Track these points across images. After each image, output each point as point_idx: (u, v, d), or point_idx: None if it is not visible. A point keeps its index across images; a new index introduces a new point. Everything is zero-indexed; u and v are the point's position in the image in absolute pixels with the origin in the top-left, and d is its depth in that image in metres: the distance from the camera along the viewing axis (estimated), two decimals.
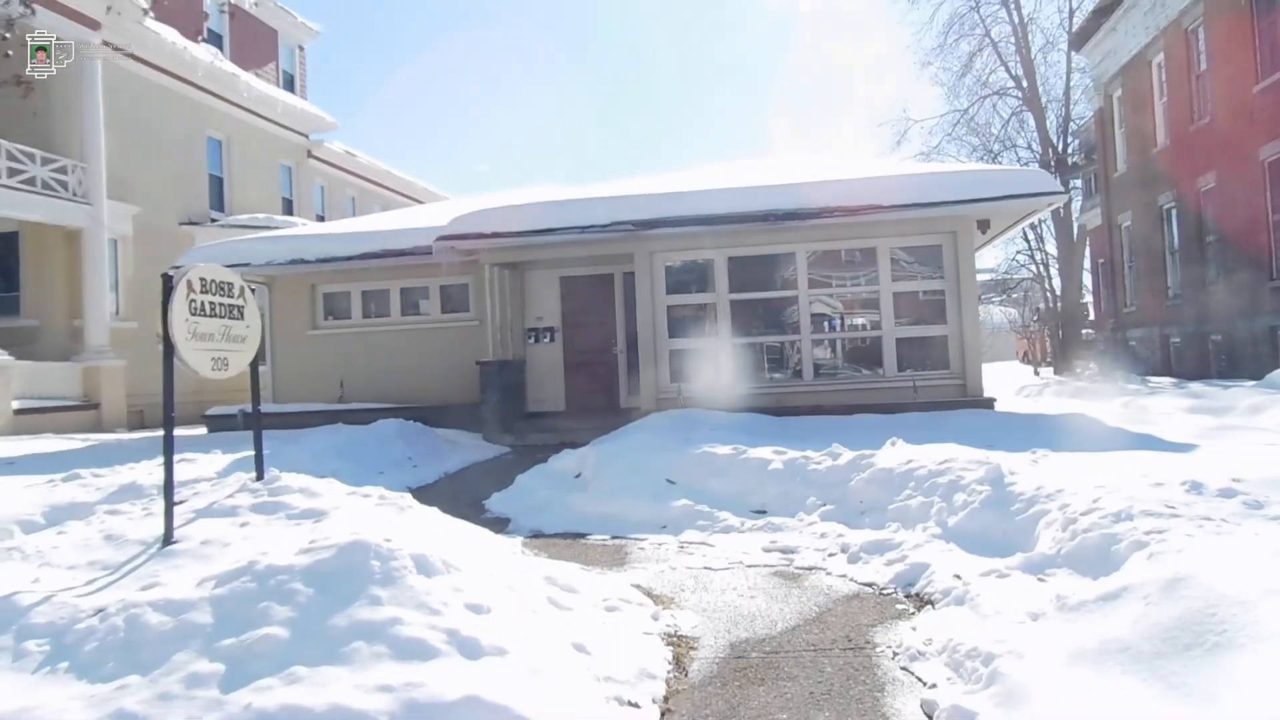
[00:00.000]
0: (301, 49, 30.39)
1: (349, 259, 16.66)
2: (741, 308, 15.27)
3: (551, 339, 16.92)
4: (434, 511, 6.57)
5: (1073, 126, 32.40)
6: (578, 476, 10.33)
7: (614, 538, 8.50)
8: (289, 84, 29.56)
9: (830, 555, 7.49)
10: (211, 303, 5.91)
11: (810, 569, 7.18)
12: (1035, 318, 43.67)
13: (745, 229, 14.50)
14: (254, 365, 6.61)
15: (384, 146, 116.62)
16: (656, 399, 14.82)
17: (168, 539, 5.54)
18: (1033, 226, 31.74)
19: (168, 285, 5.47)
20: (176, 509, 6.00)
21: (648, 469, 9.71)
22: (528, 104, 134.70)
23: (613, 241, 14.96)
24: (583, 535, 8.62)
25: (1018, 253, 36.86)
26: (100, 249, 20.92)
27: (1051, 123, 31.35)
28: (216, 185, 25.11)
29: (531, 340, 17.03)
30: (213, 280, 5.96)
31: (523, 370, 16.80)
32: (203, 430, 17.00)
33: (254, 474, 6.83)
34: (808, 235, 14.82)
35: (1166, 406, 15.37)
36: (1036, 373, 31.41)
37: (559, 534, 8.71)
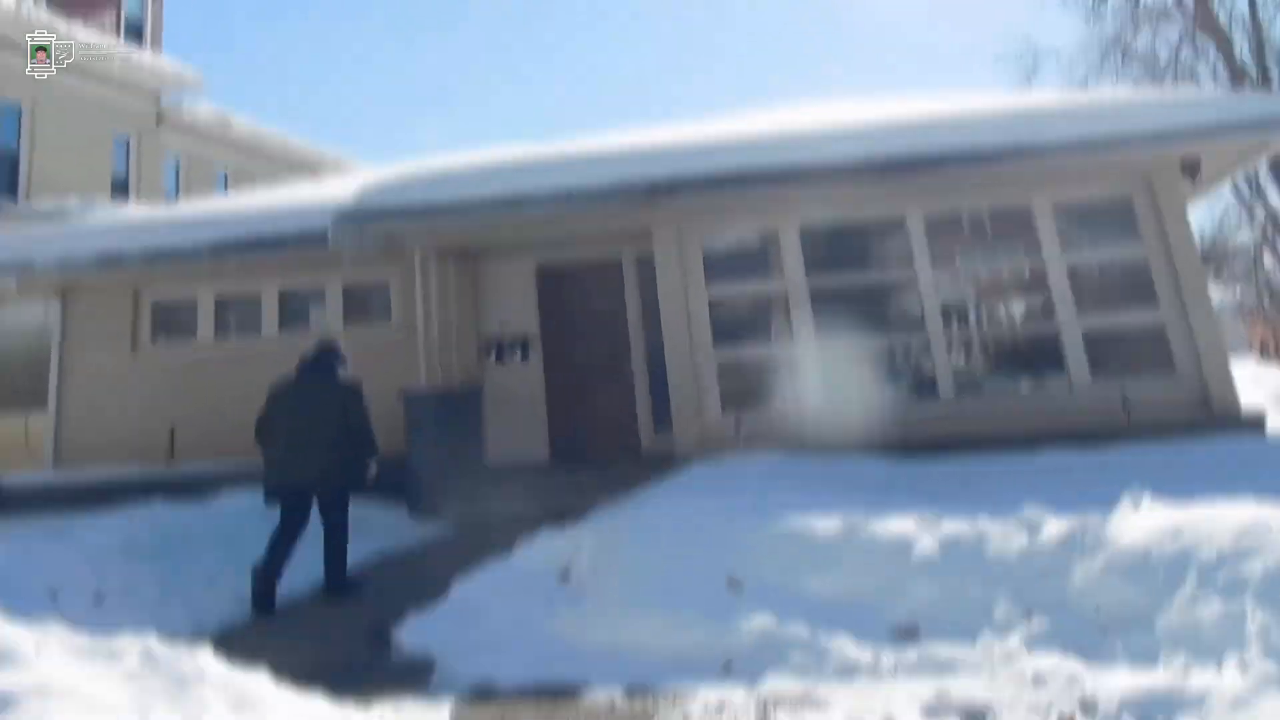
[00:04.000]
0: None
1: (195, 253, 14.22)
2: (828, 297, 12.93)
3: (524, 355, 14.62)
4: (260, 681, 4.80)
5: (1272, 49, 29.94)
6: (564, 579, 7.63)
7: (631, 694, 5.93)
8: (135, 32, 28.45)
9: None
10: None
11: None
12: (1269, 296, 40.84)
13: (826, 187, 12.20)
14: None
15: (281, 113, 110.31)
16: (701, 439, 12.47)
17: None
18: (1246, 177, 29.30)
19: None
20: None
21: (693, 559, 7.02)
22: (485, 49, 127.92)
23: (619, 214, 12.78)
24: (573, 690, 6.05)
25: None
26: None
27: (1241, 49, 29.05)
28: (8, 163, 23.46)
29: (493, 358, 14.73)
30: None
31: (478, 403, 14.43)
32: None
33: None
34: (925, 195, 12.78)
35: None
36: None
37: (527, 688, 6.13)
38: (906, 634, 6.24)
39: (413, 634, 7.21)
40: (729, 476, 9.43)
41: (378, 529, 11.94)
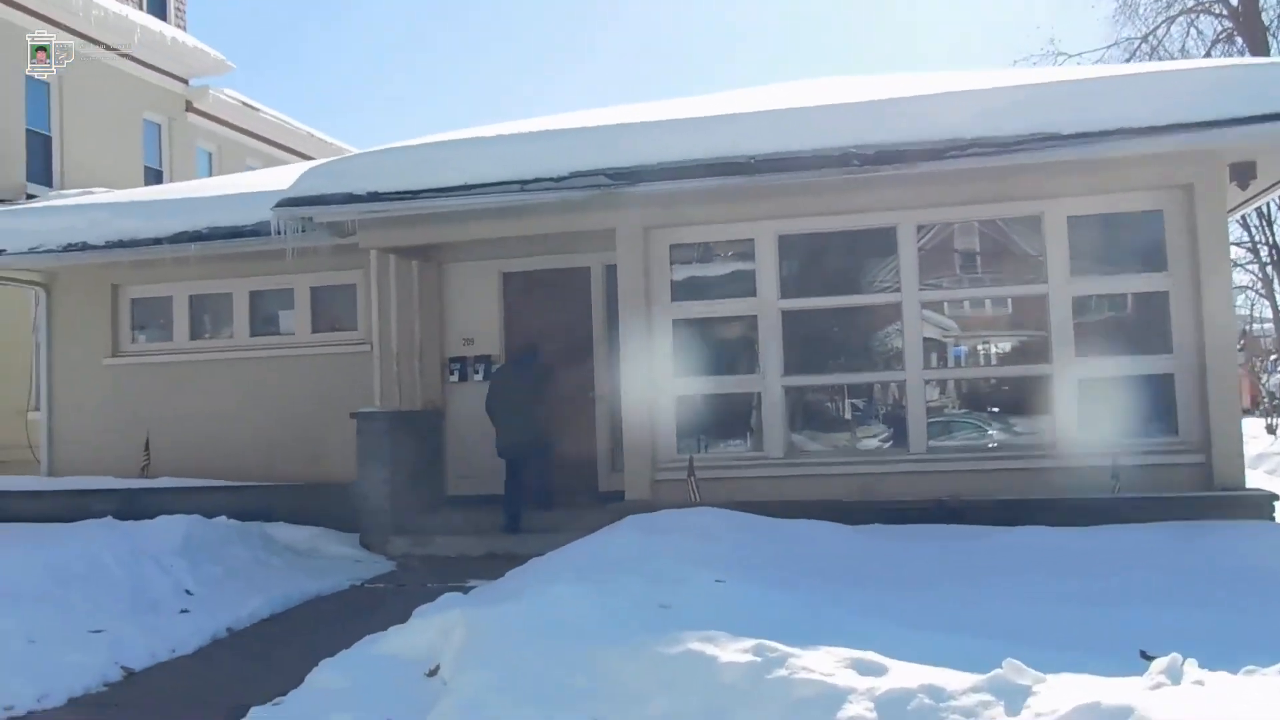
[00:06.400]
0: None
1: (158, 242, 12.90)
2: (801, 323, 11.17)
3: (487, 375, 12.91)
4: None
5: None
6: (432, 673, 6.15)
7: None
8: (159, 8, 26.37)
9: None
10: None
11: None
12: (1241, 344, 37.99)
13: (809, 181, 10.21)
14: None
15: (303, 102, 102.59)
16: (653, 481, 10.93)
17: None
18: (1259, 209, 26.43)
19: None
20: None
21: (559, 687, 5.38)
22: (503, 39, 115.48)
23: (580, 208, 10.93)
24: None
25: (1232, 244, 31.38)
26: None
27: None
28: (41, 147, 21.48)
29: (454, 377, 13.16)
30: None
31: (439, 426, 12.96)
32: None
33: None
34: (918, 195, 10.55)
35: None
36: (1271, 429, 25.89)
37: None
38: None
39: None
40: (648, 546, 7.81)
41: (319, 564, 10.91)
